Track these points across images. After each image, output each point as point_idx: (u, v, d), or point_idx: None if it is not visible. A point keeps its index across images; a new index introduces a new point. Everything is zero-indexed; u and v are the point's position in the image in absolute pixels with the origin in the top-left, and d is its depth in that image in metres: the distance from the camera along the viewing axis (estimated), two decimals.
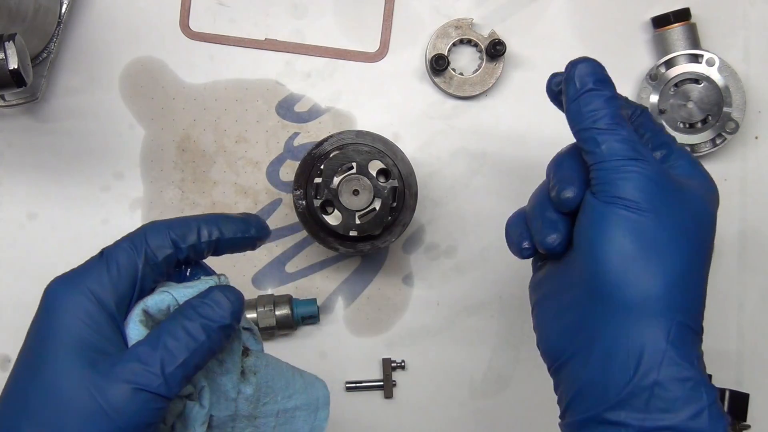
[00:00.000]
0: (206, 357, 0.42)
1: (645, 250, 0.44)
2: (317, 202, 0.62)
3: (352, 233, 0.62)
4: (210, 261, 0.48)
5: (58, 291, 0.43)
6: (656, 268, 0.44)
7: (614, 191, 0.45)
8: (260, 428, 0.48)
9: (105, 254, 0.44)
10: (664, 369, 0.43)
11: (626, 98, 0.50)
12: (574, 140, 0.48)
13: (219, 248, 0.46)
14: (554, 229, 0.48)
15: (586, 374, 0.45)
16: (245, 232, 0.47)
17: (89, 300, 0.42)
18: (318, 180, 0.62)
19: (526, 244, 0.50)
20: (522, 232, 0.50)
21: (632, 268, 0.44)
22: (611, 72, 0.71)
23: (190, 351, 0.41)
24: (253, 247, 0.48)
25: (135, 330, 0.43)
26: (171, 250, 0.44)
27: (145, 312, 0.43)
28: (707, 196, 0.48)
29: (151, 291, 0.44)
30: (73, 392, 0.41)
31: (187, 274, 0.47)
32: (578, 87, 0.47)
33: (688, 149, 0.69)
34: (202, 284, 0.45)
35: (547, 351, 0.48)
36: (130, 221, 0.70)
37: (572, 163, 0.48)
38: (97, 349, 0.42)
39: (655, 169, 0.45)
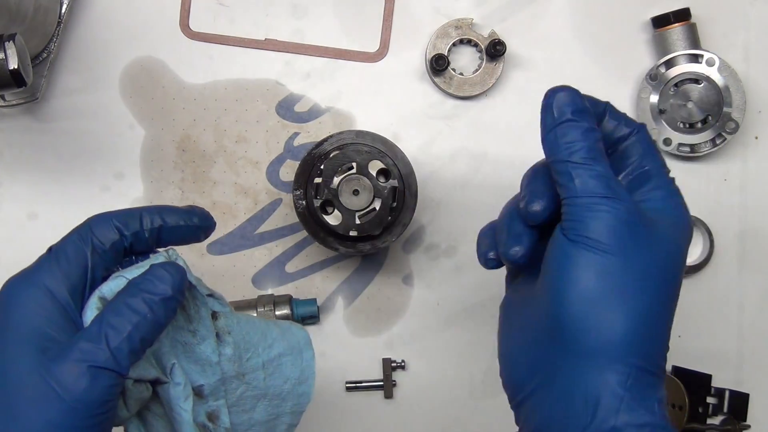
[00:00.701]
0: (152, 330, 0.43)
1: (608, 295, 0.44)
2: (317, 202, 0.62)
3: (352, 233, 0.62)
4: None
5: (13, 288, 0.45)
6: (618, 313, 0.44)
7: (583, 230, 0.44)
8: (252, 383, 0.49)
9: (53, 249, 0.46)
10: (622, 415, 0.42)
11: (624, 115, 0.49)
12: None
13: (162, 237, 0.48)
14: (518, 241, 0.47)
15: (545, 413, 0.45)
16: (188, 221, 0.48)
17: (42, 293, 0.44)
18: (318, 180, 0.62)
19: (491, 255, 0.50)
20: (490, 243, 0.50)
21: (594, 313, 0.43)
22: (611, 72, 0.71)
23: (134, 324, 0.43)
24: (198, 239, 0.49)
25: (92, 316, 0.44)
26: (117, 237, 0.46)
27: (101, 299, 0.45)
28: (678, 233, 0.47)
29: (105, 279, 0.45)
30: (24, 377, 0.42)
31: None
32: (556, 117, 0.47)
33: (688, 149, 0.70)
34: (153, 260, 0.46)
35: (509, 384, 0.48)
36: None
37: (546, 178, 0.48)
38: (50, 338, 0.43)
39: (627, 208, 0.44)
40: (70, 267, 0.45)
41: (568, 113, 0.47)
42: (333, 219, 0.62)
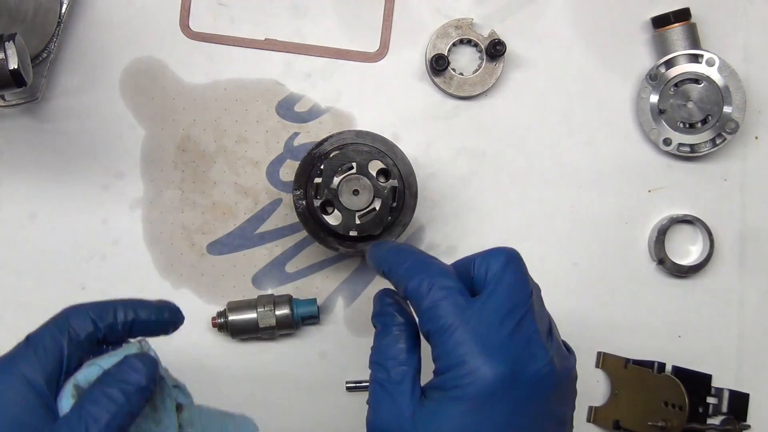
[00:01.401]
0: (128, 419, 0.45)
1: None
2: (317, 202, 0.62)
3: (352, 233, 0.62)
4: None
5: None
6: None
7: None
8: None
9: (30, 339, 0.47)
10: None
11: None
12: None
13: (134, 329, 0.49)
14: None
15: None
16: (159, 316, 0.50)
17: (21, 382, 0.45)
18: (318, 180, 0.62)
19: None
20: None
21: None
22: (611, 72, 0.71)
23: (112, 413, 0.44)
24: (167, 332, 0.51)
25: (67, 403, 0.46)
26: (92, 329, 0.48)
27: (76, 386, 0.46)
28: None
29: (79, 366, 0.47)
30: None
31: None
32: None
33: (688, 149, 0.70)
34: (125, 350, 0.48)
35: None
36: (130, 221, 0.70)
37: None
38: (30, 427, 0.45)
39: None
40: (46, 356, 0.46)
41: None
42: (333, 219, 0.62)
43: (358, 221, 0.62)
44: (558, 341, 0.49)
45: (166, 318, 0.50)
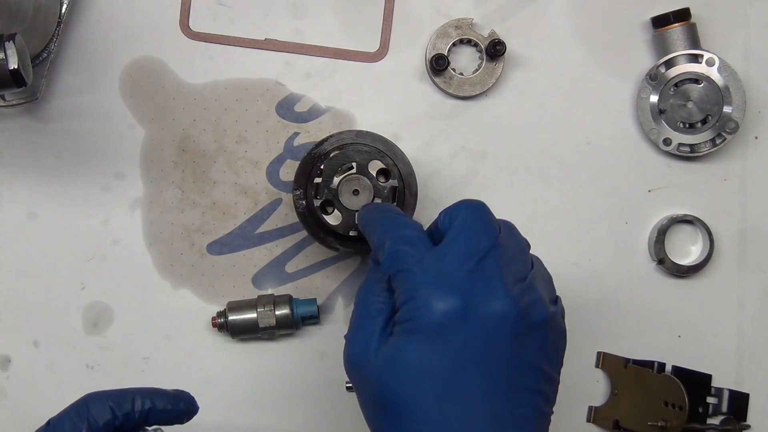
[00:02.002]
0: None
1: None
2: (317, 202, 0.62)
3: (352, 233, 0.62)
4: None
5: None
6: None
7: None
8: None
9: (51, 424, 0.49)
10: None
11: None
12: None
13: (150, 418, 0.51)
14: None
15: None
16: (174, 406, 0.52)
17: None
18: (318, 180, 0.62)
19: None
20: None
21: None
22: (611, 72, 0.71)
23: None
24: (181, 422, 0.53)
25: None
26: (110, 416, 0.50)
27: None
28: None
29: None
30: None
31: None
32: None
33: (688, 149, 0.70)
34: None
35: None
36: (130, 221, 0.70)
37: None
38: None
39: None
40: None
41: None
42: (333, 219, 0.62)
43: (357, 221, 0.62)
44: (540, 292, 0.49)
45: (181, 408, 0.52)
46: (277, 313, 0.67)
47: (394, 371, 0.47)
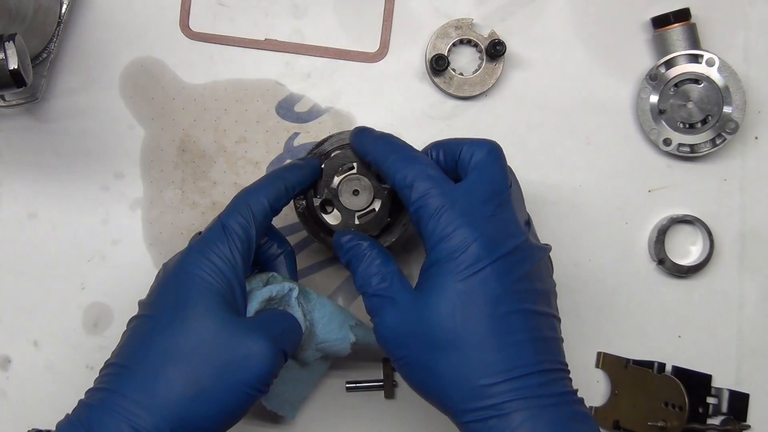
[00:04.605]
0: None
1: None
2: (317, 202, 0.62)
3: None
4: None
5: (190, 258, 0.54)
6: None
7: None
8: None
9: (224, 226, 0.55)
10: None
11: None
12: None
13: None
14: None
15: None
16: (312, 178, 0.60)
17: (222, 262, 0.53)
18: (318, 179, 0.62)
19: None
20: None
21: None
22: (611, 72, 0.71)
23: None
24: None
25: (253, 306, 0.55)
26: (269, 212, 0.56)
27: (270, 299, 0.57)
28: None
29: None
30: (216, 338, 0.51)
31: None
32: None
33: (688, 149, 0.70)
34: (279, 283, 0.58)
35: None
36: (130, 221, 0.70)
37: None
38: (229, 304, 0.53)
39: None
40: (241, 243, 0.54)
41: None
42: (332, 218, 0.62)
43: (357, 221, 0.62)
44: (534, 231, 0.56)
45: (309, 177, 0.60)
46: None
47: (445, 308, 0.51)
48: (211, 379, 0.50)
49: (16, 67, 0.54)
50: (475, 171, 0.54)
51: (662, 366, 0.70)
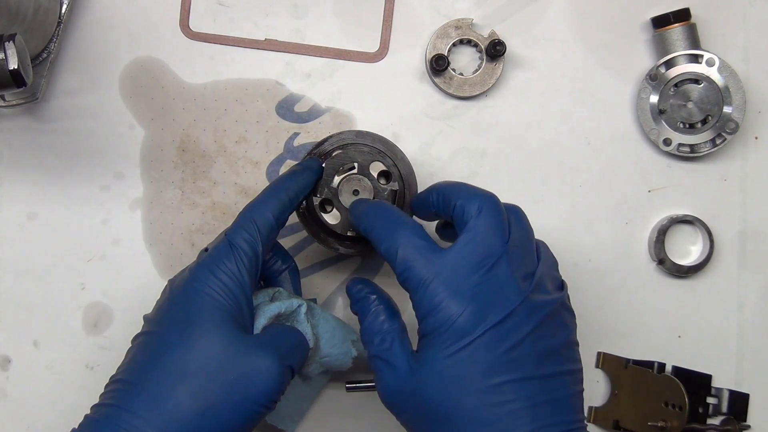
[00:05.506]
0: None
1: None
2: (316, 200, 0.62)
3: (350, 233, 0.62)
4: None
5: (198, 276, 0.54)
6: None
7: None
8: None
9: (231, 244, 0.55)
10: None
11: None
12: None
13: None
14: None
15: None
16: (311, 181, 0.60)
17: (229, 279, 0.53)
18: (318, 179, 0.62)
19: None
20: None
21: None
22: (611, 72, 0.71)
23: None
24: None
25: (261, 323, 0.55)
26: (275, 227, 0.56)
27: (278, 316, 0.57)
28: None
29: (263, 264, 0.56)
30: (224, 356, 0.51)
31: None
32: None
33: (688, 149, 0.70)
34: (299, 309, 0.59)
35: None
36: (130, 221, 0.70)
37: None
38: (237, 321, 0.53)
39: None
40: (248, 260, 0.54)
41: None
42: (332, 218, 0.62)
43: (351, 217, 0.62)
44: (543, 280, 0.52)
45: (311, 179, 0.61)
46: None
47: (434, 383, 0.50)
48: (218, 396, 0.50)
49: (16, 67, 0.54)
50: (465, 233, 0.51)
51: (662, 366, 0.70)
